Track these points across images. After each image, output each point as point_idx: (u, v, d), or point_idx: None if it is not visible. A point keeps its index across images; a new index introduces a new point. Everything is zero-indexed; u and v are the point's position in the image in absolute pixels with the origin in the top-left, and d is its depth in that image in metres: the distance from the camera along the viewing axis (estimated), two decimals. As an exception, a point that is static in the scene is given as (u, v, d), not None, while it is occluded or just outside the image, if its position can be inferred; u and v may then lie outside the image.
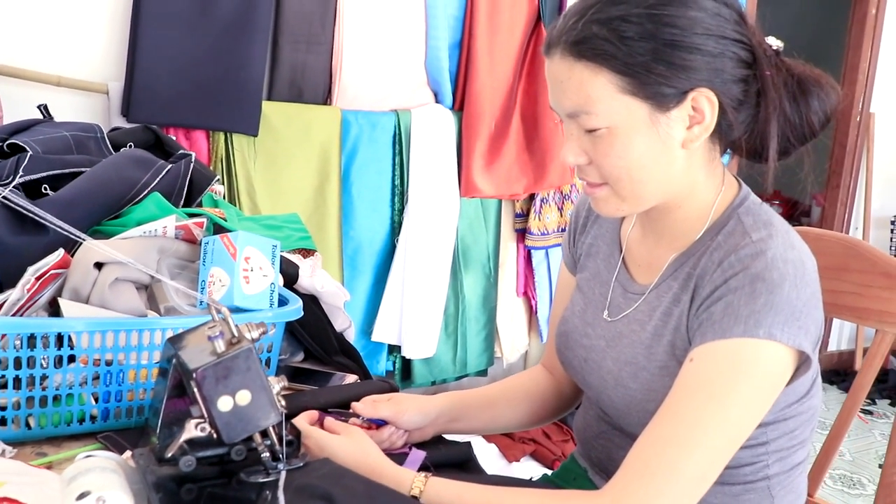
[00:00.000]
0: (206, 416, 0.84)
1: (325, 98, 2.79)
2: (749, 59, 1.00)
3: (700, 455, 0.93)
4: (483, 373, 3.33)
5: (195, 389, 0.82)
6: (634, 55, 0.95)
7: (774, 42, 1.03)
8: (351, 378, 1.41)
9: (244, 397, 0.83)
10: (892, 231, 4.35)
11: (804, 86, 1.03)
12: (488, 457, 2.89)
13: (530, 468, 2.87)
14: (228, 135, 2.55)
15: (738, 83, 0.99)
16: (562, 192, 3.32)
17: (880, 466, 1.23)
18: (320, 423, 1.13)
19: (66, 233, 1.17)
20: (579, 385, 1.22)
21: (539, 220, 3.27)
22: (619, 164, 1.00)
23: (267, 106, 2.61)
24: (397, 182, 2.94)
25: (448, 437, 1.27)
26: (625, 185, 1.02)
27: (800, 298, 0.94)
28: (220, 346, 0.83)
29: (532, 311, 3.45)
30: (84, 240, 1.17)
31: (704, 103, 0.98)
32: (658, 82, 0.96)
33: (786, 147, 1.04)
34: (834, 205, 4.42)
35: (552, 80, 1.02)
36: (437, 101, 3.01)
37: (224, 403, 0.83)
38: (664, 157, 1.00)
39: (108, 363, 1.13)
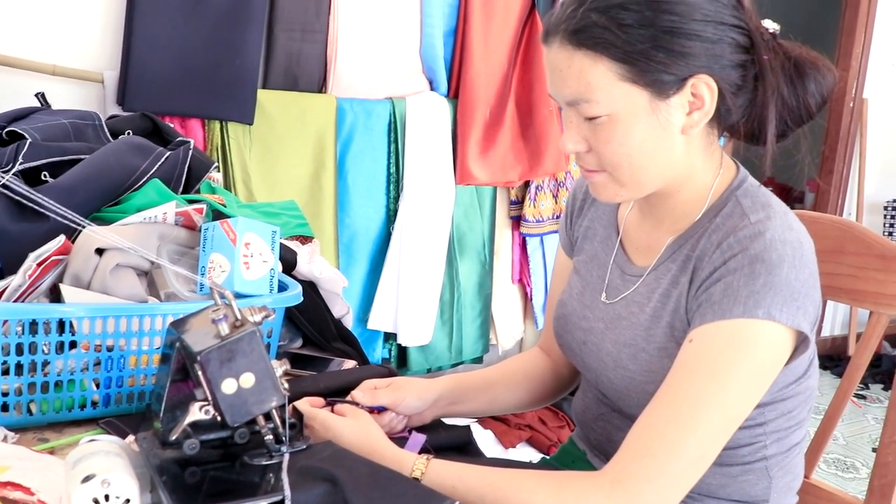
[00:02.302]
0: (210, 398, 0.84)
1: (321, 86, 2.78)
2: (747, 43, 1.00)
3: (700, 435, 0.94)
4: (479, 360, 3.34)
5: (199, 372, 0.82)
6: (634, 43, 0.95)
7: (771, 25, 1.04)
8: (349, 364, 1.41)
9: (248, 380, 0.84)
10: (885, 216, 4.36)
11: (801, 68, 1.03)
12: (485, 443, 2.90)
13: (526, 454, 2.88)
14: (224, 123, 2.55)
15: (736, 68, 1.00)
16: (556, 180, 3.32)
17: (874, 450, 1.25)
18: (331, 409, 1.14)
19: (66, 220, 1.17)
20: (578, 367, 1.23)
21: (534, 207, 3.28)
22: (620, 152, 1.00)
23: (262, 94, 2.61)
24: (392, 170, 2.94)
25: (448, 420, 1.28)
26: (624, 171, 1.02)
27: (798, 279, 0.95)
28: (224, 329, 0.83)
29: (527, 298, 3.46)
30: (85, 226, 1.17)
31: (704, 89, 0.98)
32: (658, 69, 0.96)
33: (783, 129, 1.05)
34: (827, 190, 4.43)
35: (551, 69, 1.02)
36: (432, 88, 3.01)
37: (228, 386, 0.83)
38: (664, 144, 1.01)
39: (109, 349, 1.13)
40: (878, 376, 4.18)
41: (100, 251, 1.18)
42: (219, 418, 0.85)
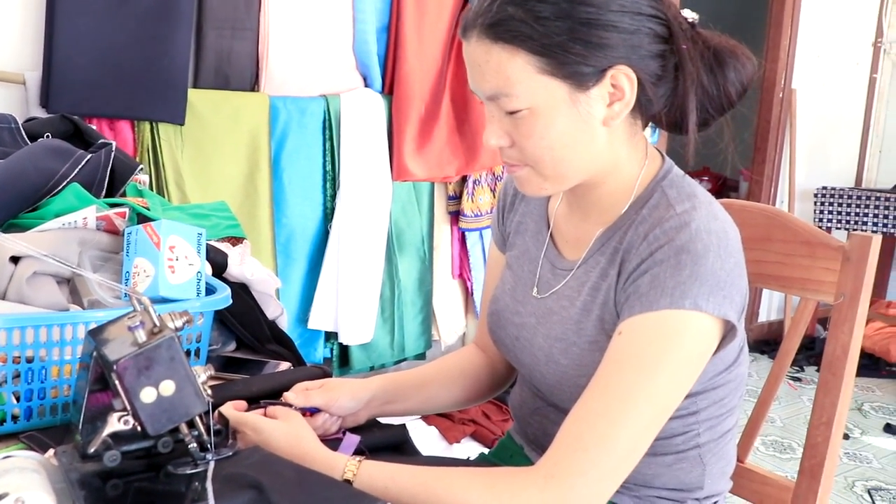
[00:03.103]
0: (129, 408, 0.82)
1: (253, 84, 2.74)
2: (665, 33, 1.01)
3: (631, 427, 0.94)
4: (421, 356, 3.34)
5: (116, 381, 0.80)
6: (551, 35, 0.95)
7: (690, 14, 1.04)
8: (284, 366, 1.39)
9: (168, 388, 0.82)
10: (815, 203, 4.47)
11: (720, 57, 1.04)
12: (429, 439, 2.90)
13: (471, 448, 2.88)
14: (154, 124, 2.50)
15: (655, 58, 1.00)
16: (494, 174, 3.33)
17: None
18: (263, 412, 1.11)
19: (-21, 227, 1.13)
20: (512, 363, 1.22)
21: (472, 201, 3.28)
22: (541, 145, 1.00)
23: (193, 94, 2.56)
24: (328, 168, 2.91)
25: (383, 420, 1.27)
26: (547, 165, 1.02)
27: (724, 268, 0.96)
28: (142, 336, 0.81)
29: (468, 293, 3.46)
30: (-2, 234, 1.13)
31: (623, 80, 0.98)
32: (576, 61, 0.96)
33: (705, 118, 1.06)
34: (760, 179, 4.52)
35: (470, 64, 1.01)
36: (367, 85, 2.99)
37: (147, 395, 0.81)
38: (586, 136, 1.01)
39: (30, 360, 1.09)
40: (812, 359, 4.28)
41: (15, 259, 1.13)
42: (140, 428, 0.83)
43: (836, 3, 4.55)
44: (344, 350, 3.12)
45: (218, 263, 1.40)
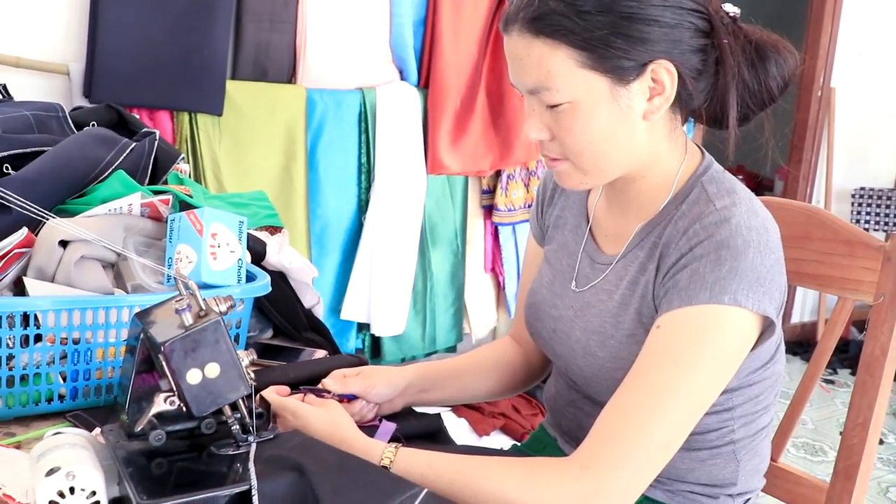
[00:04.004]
0: (174, 389, 0.84)
1: (290, 77, 2.77)
2: (706, 28, 1.01)
3: (667, 420, 0.95)
4: (452, 349, 3.35)
5: (163, 363, 0.82)
6: (592, 29, 0.95)
7: (731, 8, 1.04)
8: (320, 353, 1.41)
9: (213, 370, 0.83)
10: (852, 204, 4.41)
11: (762, 51, 1.04)
12: (459, 431, 2.91)
13: (500, 442, 2.89)
14: (193, 115, 2.53)
15: (696, 53, 1.00)
16: (528, 169, 3.33)
17: (841, 434, 1.26)
18: (303, 398, 1.13)
19: (28, 212, 1.16)
20: (548, 355, 1.23)
21: (506, 196, 3.28)
22: (582, 139, 1.01)
23: (231, 85, 2.59)
24: (364, 160, 2.93)
25: (418, 409, 1.28)
26: (587, 159, 1.02)
27: (763, 265, 0.96)
28: (188, 319, 0.83)
29: (500, 287, 3.46)
30: (48, 218, 1.15)
31: (664, 74, 0.99)
32: (617, 56, 0.96)
33: (745, 113, 1.06)
34: (796, 179, 4.47)
35: (511, 58, 1.03)
36: (403, 78, 3.00)
37: (193, 376, 0.83)
38: (626, 130, 1.01)
39: (76, 342, 1.12)
40: (845, 361, 4.23)
41: (64, 243, 1.16)
42: (184, 409, 0.85)
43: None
44: (376, 341, 3.14)
45: (257, 252, 1.42)
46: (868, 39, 4.48)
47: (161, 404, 0.85)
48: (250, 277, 1.29)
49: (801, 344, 4.53)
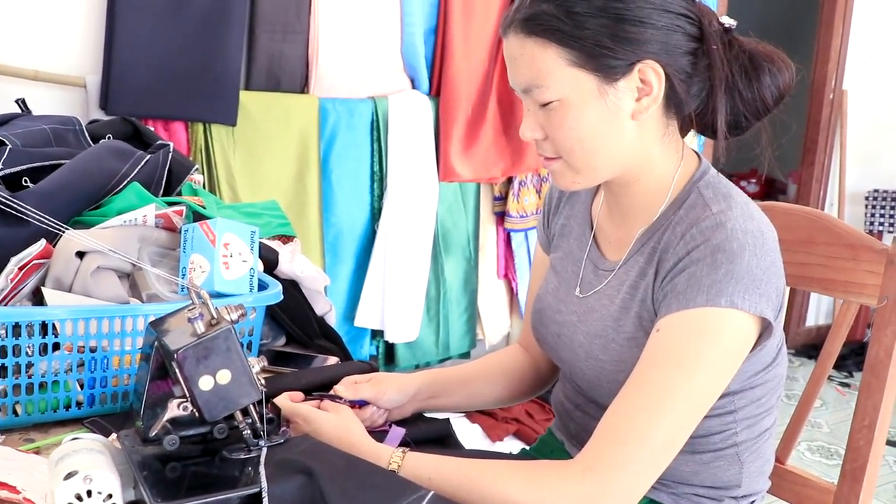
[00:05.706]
0: (187, 395, 0.86)
1: (303, 87, 2.80)
2: (696, 33, 1.03)
3: (669, 421, 0.96)
4: (466, 355, 3.37)
5: (177, 369, 0.84)
6: (581, 29, 0.99)
7: (727, 20, 1.07)
8: (332, 360, 1.44)
9: (224, 376, 0.86)
10: (866, 206, 4.40)
11: (756, 61, 1.06)
12: (472, 436, 2.93)
13: (513, 447, 2.90)
14: (207, 125, 2.57)
15: (685, 56, 1.03)
16: (539, 175, 3.34)
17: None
18: (318, 404, 1.16)
19: (46, 224, 1.19)
20: (554, 360, 1.25)
21: (517, 202, 3.30)
22: (571, 136, 1.03)
23: (245, 96, 2.62)
24: (376, 168, 2.96)
25: (428, 414, 1.30)
26: (577, 156, 1.05)
27: (759, 267, 0.98)
28: (200, 327, 0.85)
29: (513, 293, 3.48)
30: (65, 230, 1.19)
31: (651, 75, 1.01)
32: (604, 54, 0.99)
33: (738, 121, 1.08)
34: (809, 182, 4.47)
35: (508, 58, 1.06)
36: (414, 86, 3.03)
37: (205, 383, 0.85)
38: (615, 129, 1.04)
39: (93, 350, 1.15)
40: (861, 364, 4.19)
41: (81, 254, 1.19)
42: (197, 414, 0.87)
43: (892, 2, 4.48)
44: (389, 348, 3.16)
45: (269, 261, 1.44)
46: (880, 42, 4.48)
47: (175, 410, 0.88)
48: (262, 286, 1.31)
49: (816, 347, 4.51)
